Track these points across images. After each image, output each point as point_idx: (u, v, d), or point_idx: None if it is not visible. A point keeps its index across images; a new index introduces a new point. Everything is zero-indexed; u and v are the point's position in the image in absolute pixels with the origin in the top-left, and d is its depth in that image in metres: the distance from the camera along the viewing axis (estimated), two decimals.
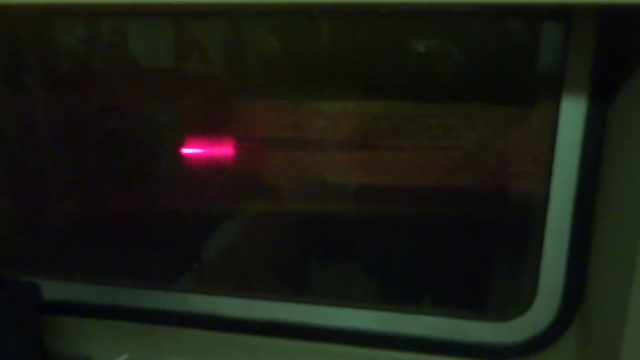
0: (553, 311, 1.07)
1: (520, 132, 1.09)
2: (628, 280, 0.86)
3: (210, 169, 1.33)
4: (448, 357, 1.15)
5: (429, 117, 1.16)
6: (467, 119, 1.12)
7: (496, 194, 1.16)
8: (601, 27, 0.93)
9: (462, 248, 1.20)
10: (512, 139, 1.10)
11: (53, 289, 1.31)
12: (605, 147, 0.96)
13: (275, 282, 1.41)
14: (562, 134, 0.99)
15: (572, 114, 0.98)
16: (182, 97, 1.31)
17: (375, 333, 1.18)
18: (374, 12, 1.03)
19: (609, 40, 0.93)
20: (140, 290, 1.28)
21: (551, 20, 1.00)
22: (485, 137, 1.13)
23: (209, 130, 1.31)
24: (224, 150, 1.31)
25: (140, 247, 1.41)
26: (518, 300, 1.12)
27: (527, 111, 1.08)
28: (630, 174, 0.87)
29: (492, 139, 1.12)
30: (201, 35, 1.28)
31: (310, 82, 1.24)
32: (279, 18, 1.21)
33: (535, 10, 0.98)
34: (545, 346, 1.09)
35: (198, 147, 1.32)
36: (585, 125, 0.97)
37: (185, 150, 1.32)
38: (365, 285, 1.31)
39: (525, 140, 1.08)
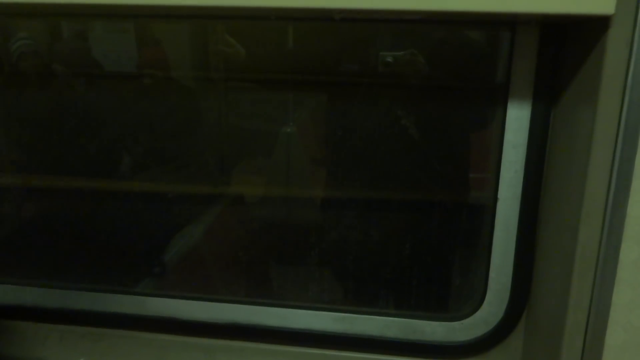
0: (502, 310, 1.10)
1: (469, 135, 1.12)
2: (568, 277, 0.90)
3: None
4: (402, 357, 1.17)
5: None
6: (417, 123, 1.15)
7: (447, 196, 1.19)
8: (542, 36, 0.97)
9: (414, 249, 1.22)
10: (461, 142, 1.13)
11: (6, 293, 1.29)
12: (548, 148, 1.00)
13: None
14: (508, 136, 1.02)
15: (517, 118, 1.01)
16: None
17: (332, 333, 1.19)
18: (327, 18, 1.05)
19: (550, 48, 0.97)
20: (95, 294, 1.27)
21: (496, 29, 1.04)
22: (435, 141, 1.16)
23: None
24: None
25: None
26: (469, 300, 1.15)
27: (475, 115, 1.11)
28: (569, 175, 0.91)
29: (442, 143, 1.15)
30: None
31: None
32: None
33: (480, 20, 1.02)
34: (496, 343, 1.12)
35: None
36: (530, 128, 1.01)
37: None
38: (322, 287, 1.32)
39: (474, 143, 1.11)
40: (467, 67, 1.14)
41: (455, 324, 1.14)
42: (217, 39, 1.28)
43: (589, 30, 0.86)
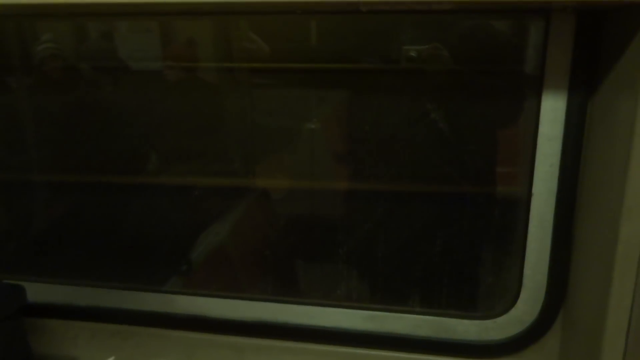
0: (537, 308, 1.07)
1: (502, 128, 1.08)
2: (609, 274, 0.86)
3: None
4: (434, 355, 1.14)
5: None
6: (450, 116, 1.12)
7: (480, 191, 1.16)
8: (579, 23, 0.93)
9: (447, 247, 1.19)
10: (494, 135, 1.10)
11: (39, 291, 1.30)
12: (585, 141, 0.96)
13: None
14: (543, 129, 0.99)
15: (552, 109, 0.98)
16: None
17: (361, 332, 1.17)
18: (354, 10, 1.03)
19: (587, 35, 0.93)
20: (126, 292, 1.27)
21: (530, 17, 1.00)
22: (468, 134, 1.12)
23: None
24: None
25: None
26: (502, 298, 1.12)
27: (508, 107, 1.08)
28: (609, 168, 0.87)
29: (475, 136, 1.12)
30: None
31: None
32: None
33: (514, 7, 0.98)
34: (531, 343, 1.08)
35: None
36: (565, 120, 0.97)
37: None
38: (351, 285, 1.30)
39: (508, 136, 1.08)
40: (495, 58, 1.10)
41: (489, 322, 1.11)
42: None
43: (629, 16, 0.82)
